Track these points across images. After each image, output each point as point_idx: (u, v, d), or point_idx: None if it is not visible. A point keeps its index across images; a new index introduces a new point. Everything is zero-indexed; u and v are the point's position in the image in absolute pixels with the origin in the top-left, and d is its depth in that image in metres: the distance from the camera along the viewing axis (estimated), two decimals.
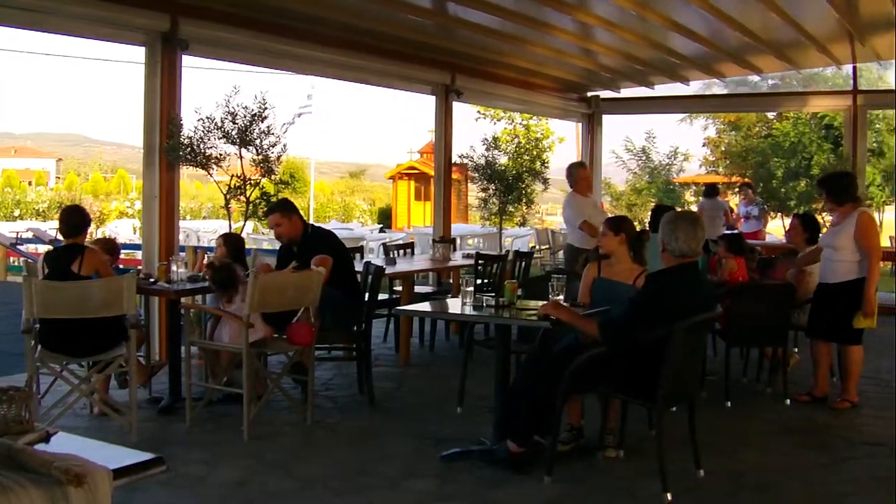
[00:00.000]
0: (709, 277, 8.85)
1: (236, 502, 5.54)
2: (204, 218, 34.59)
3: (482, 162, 13.42)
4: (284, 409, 7.65)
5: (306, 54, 11.35)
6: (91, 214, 8.45)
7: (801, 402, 8.12)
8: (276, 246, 8.89)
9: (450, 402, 7.84)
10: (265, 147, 9.45)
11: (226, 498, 5.60)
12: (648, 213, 13.58)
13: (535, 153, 14.57)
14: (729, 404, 8.02)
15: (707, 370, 8.32)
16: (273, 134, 9.49)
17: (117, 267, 8.02)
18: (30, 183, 52.91)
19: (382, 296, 9.66)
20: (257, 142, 9.40)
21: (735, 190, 22.23)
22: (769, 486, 5.97)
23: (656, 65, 14.88)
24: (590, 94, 17.90)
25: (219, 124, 9.29)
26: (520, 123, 29.73)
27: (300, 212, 8.42)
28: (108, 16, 8.93)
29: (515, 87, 15.50)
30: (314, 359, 7.63)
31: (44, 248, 17.08)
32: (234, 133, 9.31)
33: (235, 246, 8.35)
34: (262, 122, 9.41)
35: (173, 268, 7.74)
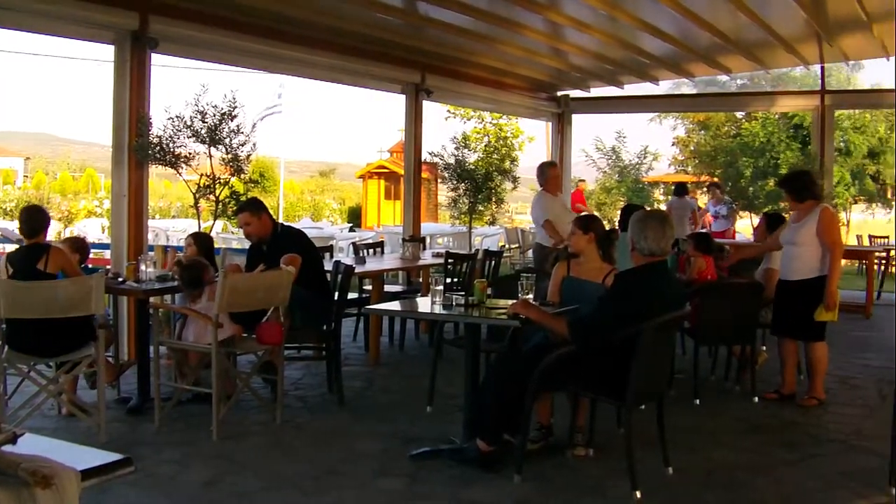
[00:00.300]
0: (678, 276, 8.90)
1: (205, 502, 5.52)
2: (173, 217, 34.36)
3: (452, 161, 13.43)
4: (254, 408, 7.62)
5: (276, 53, 11.33)
6: (60, 213, 8.39)
7: (770, 400, 8.18)
8: (246, 245, 8.86)
9: (419, 402, 7.83)
10: (234, 146, 9.44)
11: (195, 498, 5.57)
12: (618, 213, 13.64)
13: (504, 152, 14.62)
14: (698, 402, 8.06)
15: (676, 368, 8.39)
16: (242, 133, 9.47)
17: (86, 266, 7.95)
18: None
19: (352, 295, 9.67)
20: (227, 141, 9.39)
21: (704, 189, 22.39)
22: (738, 484, 6.00)
23: (626, 64, 14.95)
24: (560, 93, 17.97)
25: (188, 123, 9.27)
26: (490, 123, 29.77)
27: (269, 211, 8.39)
28: (77, 13, 8.88)
29: (485, 86, 15.54)
30: (284, 358, 7.62)
31: (12, 248, 16.94)
32: (203, 132, 9.30)
33: (205, 245, 8.33)
34: (231, 120, 9.39)
35: (142, 267, 7.69)
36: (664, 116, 33.78)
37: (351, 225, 33.21)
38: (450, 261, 10.79)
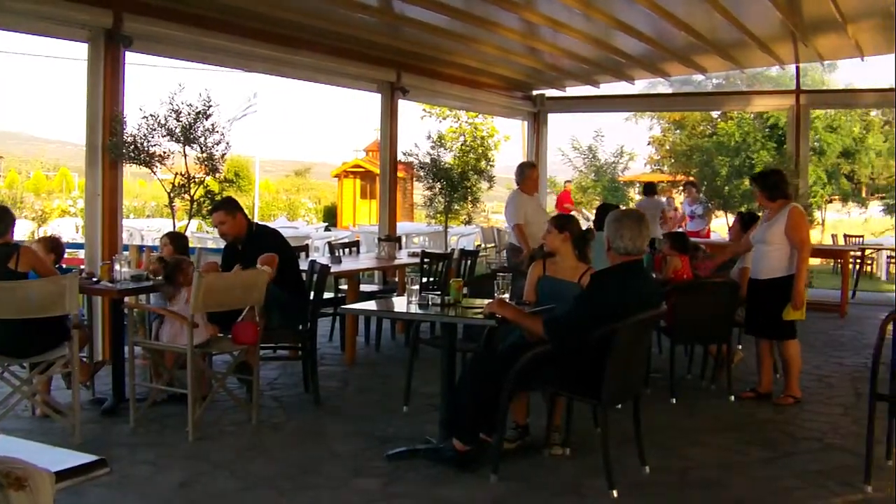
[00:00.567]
0: (653, 275, 8.93)
1: (182, 503, 5.50)
2: (148, 216, 34.19)
3: (428, 160, 13.42)
4: (229, 408, 7.59)
5: (251, 51, 11.28)
6: (33, 213, 8.32)
7: (746, 399, 8.21)
8: (221, 244, 8.82)
9: (396, 401, 7.83)
10: (209, 145, 9.40)
11: (171, 499, 5.54)
12: (593, 212, 13.66)
13: (480, 151, 14.63)
14: (674, 401, 8.10)
15: (652, 367, 8.43)
16: (217, 132, 9.43)
17: (60, 266, 7.89)
18: None
19: (328, 295, 9.65)
20: (201, 140, 9.34)
21: (680, 189, 22.47)
22: (714, 482, 6.02)
23: (602, 64, 14.98)
24: (535, 92, 17.99)
25: (163, 122, 9.22)
26: (466, 122, 29.80)
27: (244, 210, 8.36)
28: (50, 11, 8.83)
29: (461, 85, 15.54)
30: (259, 358, 7.59)
31: None
32: (178, 131, 9.25)
33: (181, 244, 8.30)
34: (206, 119, 9.35)
35: (116, 267, 7.63)
36: (640, 116, 33.95)
37: (326, 224, 33.17)
38: (426, 260, 10.79)
